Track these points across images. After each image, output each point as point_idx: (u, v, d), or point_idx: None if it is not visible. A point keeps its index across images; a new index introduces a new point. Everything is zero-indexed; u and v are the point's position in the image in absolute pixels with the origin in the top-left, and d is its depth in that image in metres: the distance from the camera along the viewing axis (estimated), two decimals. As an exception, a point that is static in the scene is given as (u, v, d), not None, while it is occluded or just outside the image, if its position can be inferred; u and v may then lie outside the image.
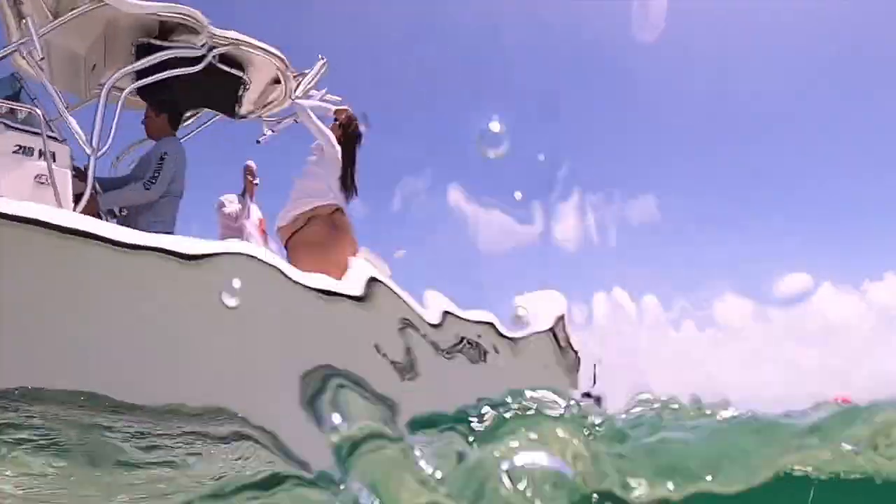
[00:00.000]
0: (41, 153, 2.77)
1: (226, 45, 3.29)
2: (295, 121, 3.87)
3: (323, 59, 3.57)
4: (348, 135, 3.42)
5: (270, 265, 2.04)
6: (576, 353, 3.19)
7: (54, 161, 2.86)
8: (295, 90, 3.55)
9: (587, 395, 3.70)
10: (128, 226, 2.93)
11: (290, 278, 2.07)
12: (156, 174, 3.14)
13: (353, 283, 2.48)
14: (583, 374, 3.95)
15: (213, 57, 3.26)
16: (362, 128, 3.47)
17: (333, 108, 3.42)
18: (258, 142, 4.30)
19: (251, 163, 4.49)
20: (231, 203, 4.32)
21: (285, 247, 3.36)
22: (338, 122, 3.43)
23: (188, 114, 3.88)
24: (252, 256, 2.05)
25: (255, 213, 4.30)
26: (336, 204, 3.29)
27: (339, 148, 3.34)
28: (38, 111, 2.81)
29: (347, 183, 3.38)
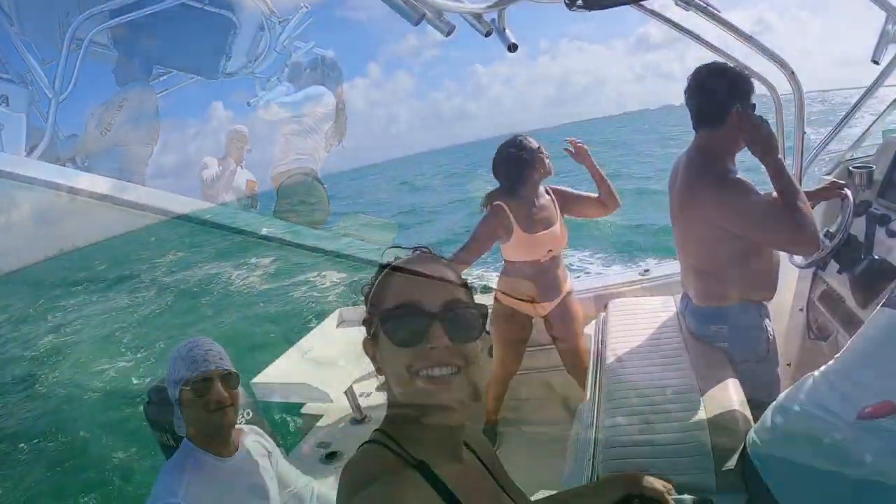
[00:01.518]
0: None
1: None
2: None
3: (305, 7, 3.23)
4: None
5: None
6: None
7: (7, 104, 2.61)
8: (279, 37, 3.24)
9: None
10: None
11: None
12: (112, 121, 2.88)
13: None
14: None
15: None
16: None
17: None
18: (248, 104, 4.00)
19: (240, 127, 4.21)
20: (207, 167, 4.04)
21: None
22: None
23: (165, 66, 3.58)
24: None
25: (242, 177, 4.03)
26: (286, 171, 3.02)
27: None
28: None
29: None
